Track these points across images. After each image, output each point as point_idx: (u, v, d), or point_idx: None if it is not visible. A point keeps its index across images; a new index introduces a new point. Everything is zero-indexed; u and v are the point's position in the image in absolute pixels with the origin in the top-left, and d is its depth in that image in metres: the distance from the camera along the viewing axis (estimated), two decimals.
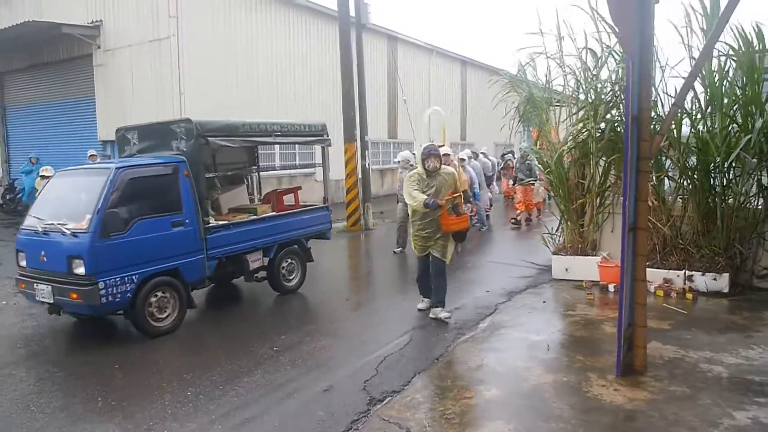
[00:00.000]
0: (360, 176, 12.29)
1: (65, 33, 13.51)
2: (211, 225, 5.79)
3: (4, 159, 17.41)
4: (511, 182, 14.91)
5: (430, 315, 5.66)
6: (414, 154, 11.16)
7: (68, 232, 4.96)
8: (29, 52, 15.41)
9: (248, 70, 14.24)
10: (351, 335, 5.42)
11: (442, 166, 5.57)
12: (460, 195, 5.40)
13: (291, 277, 6.86)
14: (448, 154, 7.69)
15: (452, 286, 5.81)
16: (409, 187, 5.39)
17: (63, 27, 13.40)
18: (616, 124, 6.98)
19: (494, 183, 14.43)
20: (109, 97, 14.00)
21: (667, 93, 6.72)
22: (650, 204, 5.95)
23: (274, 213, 6.75)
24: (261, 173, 8.03)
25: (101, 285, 4.86)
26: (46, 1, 14.98)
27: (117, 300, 4.99)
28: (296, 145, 12.90)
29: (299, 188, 8.03)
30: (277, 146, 14.27)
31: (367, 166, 12.60)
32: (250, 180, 7.68)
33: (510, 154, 16.27)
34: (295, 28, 15.87)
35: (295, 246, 6.90)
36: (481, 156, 13.50)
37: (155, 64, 13.07)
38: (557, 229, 7.94)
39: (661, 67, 6.64)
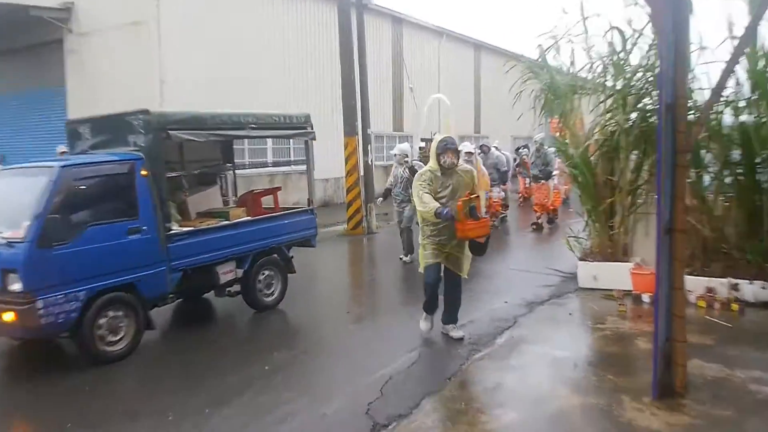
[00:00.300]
0: (362, 173, 12.28)
1: (33, 15, 13.54)
2: (173, 232, 5.64)
3: None
4: (527, 181, 14.86)
5: (441, 331, 5.60)
6: (413, 147, 11.14)
7: (3, 241, 4.71)
8: None
9: (237, 55, 14.24)
10: (352, 352, 5.39)
11: (460, 162, 5.35)
12: (477, 196, 5.17)
13: (269, 291, 6.70)
14: None
15: (466, 296, 5.75)
16: (420, 189, 5.09)
17: (31, 9, 13.44)
18: (648, 114, 6.93)
19: (509, 181, 14.37)
20: (81, 87, 14.02)
21: (708, 79, 6.67)
22: (688, 203, 5.90)
23: (249, 218, 6.64)
24: (250, 170, 7.97)
25: (40, 304, 4.60)
26: None
27: (60, 321, 4.75)
28: (290, 140, 12.89)
29: (278, 189, 7.90)
30: (269, 141, 14.28)
31: (369, 162, 12.60)
32: (224, 180, 7.53)
33: (525, 149, 16.17)
34: (290, 10, 15.89)
35: (275, 255, 6.76)
36: (493, 149, 13.45)
37: (133, 50, 13.08)
38: (583, 232, 7.89)
39: (701, 48, 6.58)
